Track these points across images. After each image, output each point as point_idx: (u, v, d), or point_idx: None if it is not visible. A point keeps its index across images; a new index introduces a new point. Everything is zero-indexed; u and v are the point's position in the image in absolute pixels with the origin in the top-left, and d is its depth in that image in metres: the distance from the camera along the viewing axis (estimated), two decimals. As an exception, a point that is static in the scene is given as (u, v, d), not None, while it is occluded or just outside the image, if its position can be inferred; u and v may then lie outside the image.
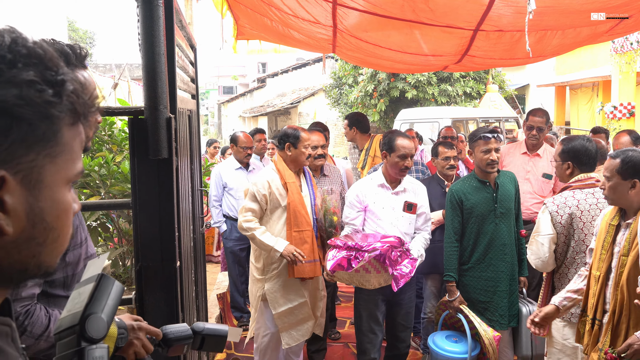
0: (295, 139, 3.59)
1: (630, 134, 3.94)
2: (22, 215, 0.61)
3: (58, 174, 0.64)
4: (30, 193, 0.61)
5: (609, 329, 2.55)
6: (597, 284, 2.65)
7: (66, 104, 0.62)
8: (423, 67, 7.06)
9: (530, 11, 3.05)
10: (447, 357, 3.34)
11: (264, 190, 3.50)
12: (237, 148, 5.10)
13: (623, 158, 2.52)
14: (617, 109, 12.52)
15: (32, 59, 0.59)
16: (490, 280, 3.47)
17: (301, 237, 3.50)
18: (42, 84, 0.59)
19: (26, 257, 0.63)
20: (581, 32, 4.37)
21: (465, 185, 3.55)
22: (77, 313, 0.86)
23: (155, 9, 1.73)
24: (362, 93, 15.84)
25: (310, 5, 3.82)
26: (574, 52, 15.68)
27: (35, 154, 0.60)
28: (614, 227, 2.63)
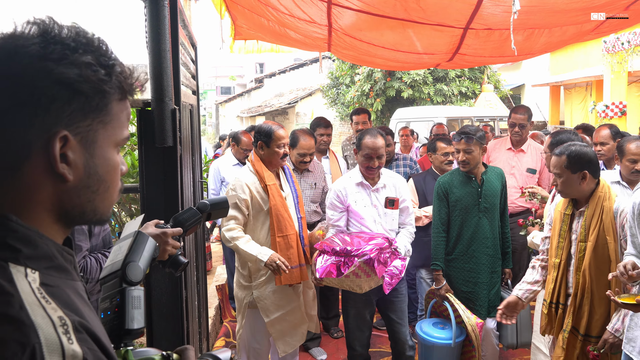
0: (268, 138, 3.36)
1: (611, 128, 4.09)
2: (80, 168, 0.78)
3: (108, 137, 0.81)
4: (87, 151, 0.78)
5: (572, 311, 2.72)
6: (556, 271, 2.81)
7: (115, 82, 0.80)
8: (416, 65, 7.21)
9: (514, 11, 3.19)
10: (433, 343, 3.45)
11: (243, 195, 3.30)
12: (237, 148, 5.31)
13: (568, 154, 2.68)
14: (609, 108, 12.69)
15: (89, 47, 0.77)
16: (472, 271, 3.60)
17: (286, 242, 3.34)
18: (97, 65, 0.77)
19: (83, 201, 0.80)
20: (567, 30, 4.52)
21: (452, 179, 3.68)
22: (119, 262, 1.08)
23: (162, 9, 1.89)
24: (359, 93, 15.98)
25: (306, 5, 3.96)
26: (568, 52, 15.88)
27: (91, 120, 0.78)
28: (568, 216, 2.80)
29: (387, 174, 3.60)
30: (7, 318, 0.64)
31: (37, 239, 0.75)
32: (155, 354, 0.98)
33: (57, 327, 0.66)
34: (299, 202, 3.56)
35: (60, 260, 0.77)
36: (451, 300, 3.53)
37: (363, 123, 5.11)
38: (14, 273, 0.69)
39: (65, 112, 0.74)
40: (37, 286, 0.70)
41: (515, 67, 21.03)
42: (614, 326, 2.55)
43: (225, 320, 5.11)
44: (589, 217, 2.69)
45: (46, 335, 0.65)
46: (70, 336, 0.67)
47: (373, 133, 3.45)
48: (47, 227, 0.78)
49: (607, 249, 2.63)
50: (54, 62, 0.73)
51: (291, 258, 3.33)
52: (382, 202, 3.46)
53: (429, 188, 4.24)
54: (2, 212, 0.73)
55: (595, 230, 2.65)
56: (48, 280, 0.72)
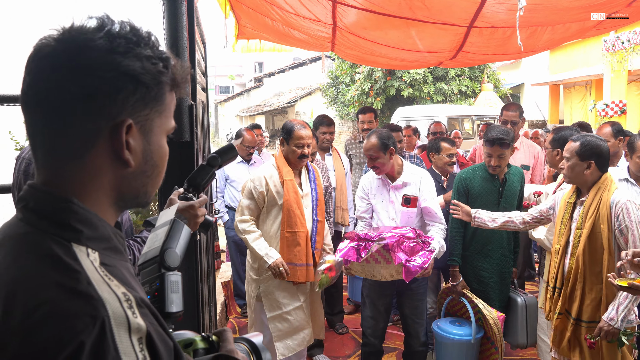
0: (288, 135, 3.41)
1: (613, 126, 4.13)
2: (139, 154, 0.83)
3: (162, 126, 0.87)
4: (145, 138, 0.84)
5: (564, 294, 2.86)
6: (557, 256, 2.94)
7: (170, 74, 0.85)
8: (419, 64, 7.26)
9: (520, 7, 3.24)
10: (452, 339, 3.42)
11: (260, 187, 3.36)
12: (240, 145, 5.32)
13: (582, 141, 2.82)
14: (609, 107, 12.75)
15: (147, 40, 0.82)
16: (485, 270, 3.57)
17: (294, 238, 3.35)
18: (156, 58, 0.82)
19: (139, 185, 0.86)
20: (570, 27, 4.56)
21: (474, 174, 3.62)
22: (157, 248, 1.12)
23: (179, 6, 1.93)
24: (359, 92, 16.03)
25: (312, 4, 3.99)
26: (567, 51, 15.94)
27: (149, 110, 0.83)
28: (571, 205, 2.94)
29: (411, 171, 3.52)
30: (77, 293, 0.68)
31: (97, 221, 0.79)
32: (194, 336, 1.02)
33: (122, 302, 0.70)
34: (319, 205, 3.53)
35: (115, 242, 0.82)
36: (469, 296, 3.49)
37: (369, 122, 5.11)
38: (78, 252, 0.73)
39: (130, 102, 0.79)
40: (98, 265, 0.74)
41: (515, 66, 21.09)
42: (609, 315, 2.64)
43: (230, 317, 5.15)
44: (586, 206, 2.82)
45: (113, 309, 0.69)
46: (134, 310, 0.71)
47: (369, 134, 3.48)
48: (104, 210, 0.83)
49: (601, 237, 2.74)
50: (121, 55, 0.78)
51: (297, 255, 3.33)
52: (399, 200, 3.45)
53: None
54: (66, 195, 0.78)
55: (591, 218, 2.77)
56: (106, 260, 0.77)
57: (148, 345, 0.71)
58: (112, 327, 0.67)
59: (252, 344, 1.10)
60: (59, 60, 0.76)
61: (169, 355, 0.75)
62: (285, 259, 3.32)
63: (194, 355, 0.99)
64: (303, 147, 3.38)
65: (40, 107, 0.77)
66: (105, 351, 0.65)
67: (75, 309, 0.66)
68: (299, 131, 3.39)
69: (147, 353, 0.70)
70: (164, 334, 0.77)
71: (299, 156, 3.39)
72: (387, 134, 3.43)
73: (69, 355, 0.64)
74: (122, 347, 0.67)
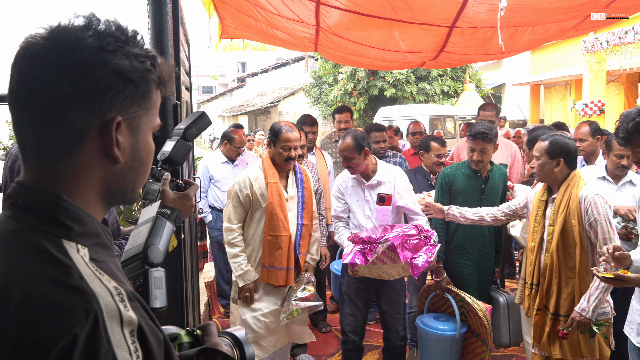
0: (275, 137, 3.37)
1: (590, 125, 4.22)
2: (128, 151, 0.85)
3: (149, 123, 0.88)
4: (133, 135, 0.85)
5: (541, 290, 2.95)
6: (532, 254, 3.03)
7: (157, 73, 0.86)
8: (402, 64, 7.30)
9: (501, 8, 3.28)
10: (437, 335, 3.46)
11: (245, 189, 3.34)
12: (230, 146, 5.41)
13: (551, 140, 2.94)
14: (588, 107, 12.95)
15: (135, 40, 0.84)
16: (465, 267, 3.62)
17: (276, 242, 3.32)
18: (144, 57, 0.83)
19: (127, 182, 0.87)
20: (550, 28, 4.64)
21: (458, 171, 3.67)
22: (140, 245, 1.13)
23: (164, 6, 1.93)
24: (342, 92, 16.07)
25: (295, 5, 4.00)
26: (548, 51, 16.16)
27: (137, 107, 0.84)
28: (543, 202, 3.03)
29: (385, 170, 3.56)
30: (69, 287, 0.70)
31: (86, 217, 0.80)
32: (179, 331, 1.03)
33: (114, 296, 0.72)
34: (305, 209, 3.49)
35: (103, 238, 0.83)
36: (454, 290, 3.52)
37: (345, 122, 5.13)
38: (68, 248, 0.75)
39: (119, 99, 0.81)
40: (88, 260, 0.75)
41: (496, 66, 21.32)
42: (581, 306, 2.73)
43: (214, 317, 5.14)
44: (557, 203, 2.92)
45: (105, 302, 0.70)
46: (126, 304, 0.73)
47: (344, 135, 3.50)
48: (93, 206, 0.84)
49: (573, 232, 2.84)
50: (110, 53, 0.79)
51: (278, 259, 3.31)
52: (374, 198, 3.49)
53: (419, 186, 4.26)
54: (56, 192, 0.79)
55: (562, 214, 2.86)
56: (96, 256, 0.78)
57: (139, 337, 0.73)
58: (104, 320, 0.68)
59: (235, 338, 1.12)
60: (50, 59, 0.77)
61: (159, 347, 0.77)
62: (267, 262, 3.32)
63: (179, 349, 1.00)
64: (290, 149, 3.35)
65: (30, 105, 0.78)
66: (98, 343, 0.67)
67: (69, 303, 0.68)
68: (286, 133, 3.34)
69: (138, 345, 0.72)
70: (155, 326, 0.78)
71: (286, 159, 3.36)
72: (362, 135, 3.46)
73: (64, 348, 0.65)
74: (114, 339, 0.69)
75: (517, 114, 19.33)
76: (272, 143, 3.40)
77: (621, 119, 2.41)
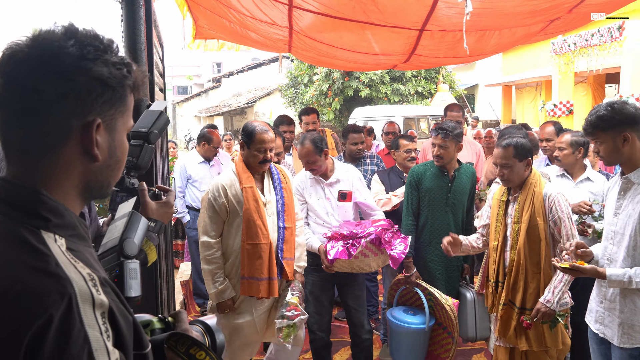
0: (249, 139, 3.14)
1: (555, 125, 4.38)
2: (105, 150, 0.93)
3: (124, 124, 0.96)
4: (110, 136, 0.93)
5: (507, 286, 3.05)
6: (496, 252, 3.12)
7: (132, 78, 0.94)
8: (374, 66, 7.41)
9: (467, 12, 3.39)
10: (407, 328, 3.56)
11: (220, 197, 3.12)
12: (209, 147, 5.48)
13: (514, 145, 3.01)
14: (557, 107, 13.28)
15: (112, 48, 0.91)
16: (433, 262, 3.73)
17: (255, 251, 3.09)
18: (120, 64, 0.91)
19: (103, 178, 0.96)
20: (516, 32, 4.78)
21: (426, 170, 3.79)
22: (116, 238, 1.20)
23: (137, 10, 1.99)
24: (317, 92, 16.14)
25: (267, 8, 4.06)
26: (519, 53, 16.47)
27: (115, 110, 0.92)
28: (504, 202, 3.13)
29: (343, 169, 3.69)
30: (47, 273, 0.77)
31: (64, 211, 0.88)
32: (152, 318, 1.10)
33: (87, 281, 0.80)
34: (286, 211, 3.26)
35: (80, 230, 0.90)
36: (423, 285, 3.62)
37: (313, 123, 5.22)
38: (46, 238, 0.82)
39: (99, 103, 0.89)
40: (65, 249, 0.83)
41: (470, 67, 21.64)
42: (546, 297, 2.88)
43: (190, 316, 5.17)
44: (521, 202, 3.02)
45: (79, 286, 0.78)
46: (98, 288, 0.80)
47: (302, 140, 3.59)
48: (71, 200, 0.91)
49: (538, 229, 2.96)
50: (91, 61, 0.87)
51: (259, 269, 3.10)
52: (335, 195, 3.62)
53: (393, 184, 4.36)
54: (36, 187, 0.86)
55: (527, 212, 2.97)
56: (72, 246, 0.85)
57: (110, 319, 0.80)
58: (78, 303, 0.76)
59: (206, 325, 1.19)
60: (35, 65, 0.84)
61: (129, 328, 0.85)
62: (247, 273, 3.12)
63: (151, 335, 1.08)
64: (265, 151, 3.14)
65: (16, 107, 0.85)
66: (71, 323, 0.74)
67: (46, 287, 0.75)
68: (261, 134, 3.12)
69: (109, 326, 0.79)
70: (125, 310, 0.85)
71: (261, 161, 3.16)
72: (319, 137, 3.56)
73: (40, 327, 0.72)
74: (86, 319, 0.76)
75: (489, 115, 19.67)
76: (245, 145, 3.19)
77: (591, 112, 2.52)
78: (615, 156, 2.44)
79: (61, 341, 0.73)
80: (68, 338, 0.74)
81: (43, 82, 0.84)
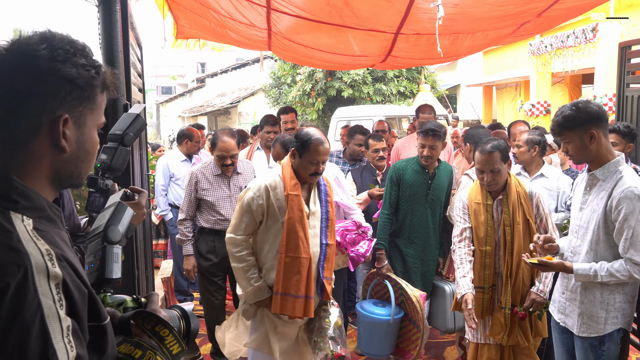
0: (303, 148, 2.90)
1: (526, 124, 4.55)
2: (74, 143, 1.03)
3: (93, 121, 1.07)
4: (78, 130, 1.03)
5: (508, 289, 3.03)
6: (488, 257, 3.10)
7: (100, 79, 1.05)
8: (352, 66, 7.55)
9: (439, 17, 3.51)
10: (372, 319, 3.67)
11: (260, 199, 2.87)
12: (192, 143, 5.55)
13: (499, 148, 3.04)
14: (535, 107, 13.52)
15: (82, 51, 1.02)
16: (410, 256, 3.86)
17: (294, 264, 2.85)
18: (89, 66, 1.02)
19: (73, 168, 1.06)
20: (488, 34, 4.93)
21: (407, 166, 3.91)
22: (102, 225, 1.30)
23: (114, 14, 2.08)
24: (300, 92, 16.21)
25: (246, 10, 4.14)
26: (499, 54, 16.71)
27: (83, 107, 1.03)
28: (490, 206, 3.12)
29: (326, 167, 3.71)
30: (8, 247, 0.88)
31: (33, 195, 0.99)
32: (126, 297, 1.20)
33: (44, 255, 0.91)
34: (329, 226, 3.06)
35: (49, 213, 1.02)
36: (393, 278, 3.73)
37: (291, 122, 5.31)
38: (14, 218, 0.93)
39: (67, 100, 1.00)
40: (30, 229, 0.94)
41: (451, 67, 21.86)
42: (538, 288, 2.99)
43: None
44: (511, 203, 3.04)
45: (36, 260, 0.89)
46: (54, 262, 0.91)
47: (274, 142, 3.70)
48: (42, 187, 1.02)
49: (530, 229, 3.02)
50: (60, 63, 0.98)
51: (295, 285, 2.86)
52: None
53: (365, 182, 4.48)
54: (9, 173, 0.98)
55: (520, 213, 3.02)
56: (39, 226, 0.96)
57: (64, 290, 0.91)
58: (33, 273, 0.87)
59: (183, 311, 1.29)
60: (11, 67, 0.96)
61: (83, 299, 0.95)
62: (281, 288, 2.87)
63: (123, 312, 1.17)
64: (318, 164, 2.92)
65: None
66: (26, 291, 0.86)
67: (5, 259, 0.87)
68: (317, 146, 2.89)
69: (62, 295, 0.90)
70: (81, 284, 0.96)
71: (312, 174, 2.94)
72: (289, 139, 3.64)
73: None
74: (40, 289, 0.87)
75: (470, 114, 19.89)
76: (297, 153, 2.94)
77: (556, 112, 2.59)
78: (583, 154, 2.51)
79: (15, 306, 0.83)
80: (22, 304, 0.84)
81: (17, 82, 0.95)
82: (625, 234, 2.36)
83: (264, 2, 3.88)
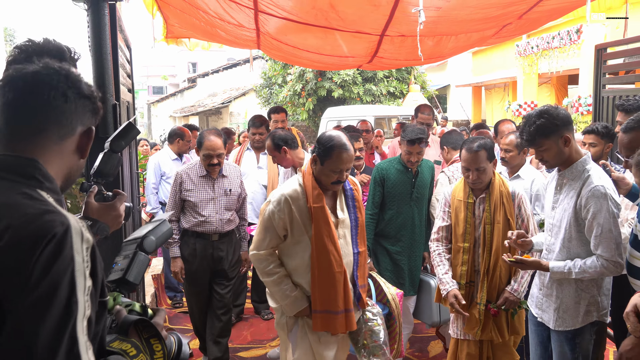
0: (325, 155, 2.68)
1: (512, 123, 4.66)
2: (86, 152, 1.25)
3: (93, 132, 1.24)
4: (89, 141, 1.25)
5: (484, 286, 3.08)
6: (467, 253, 3.13)
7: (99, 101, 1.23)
8: (339, 66, 7.66)
9: (420, 22, 3.61)
10: None
11: (282, 213, 2.68)
12: (183, 142, 5.61)
13: (485, 147, 3.03)
14: (522, 107, 13.68)
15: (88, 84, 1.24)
16: (397, 254, 3.95)
17: (328, 280, 2.69)
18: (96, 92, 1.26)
19: (76, 174, 1.25)
20: (471, 36, 5.06)
21: (390, 167, 3.99)
22: (142, 235, 1.44)
23: (102, 17, 2.17)
24: (291, 92, 16.30)
25: (234, 12, 4.23)
26: (487, 55, 16.89)
27: (94, 121, 1.23)
28: (472, 204, 3.14)
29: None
30: (50, 210, 1.03)
31: (53, 179, 1.14)
32: (136, 303, 1.32)
33: (78, 221, 1.05)
34: (359, 233, 2.89)
35: (61, 197, 1.17)
36: (374, 276, 3.83)
37: (282, 121, 5.38)
38: (42, 193, 1.09)
39: (92, 117, 1.23)
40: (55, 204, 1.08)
41: (441, 68, 22.04)
42: (513, 287, 3.02)
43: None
44: (493, 202, 3.08)
45: (73, 222, 1.03)
46: (86, 229, 1.05)
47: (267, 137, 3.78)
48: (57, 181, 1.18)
49: (510, 228, 3.04)
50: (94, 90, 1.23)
51: (333, 301, 2.71)
52: None
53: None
54: (35, 158, 1.12)
55: (501, 212, 3.06)
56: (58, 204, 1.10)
57: (91, 253, 1.05)
58: (72, 232, 1.01)
59: (180, 339, 1.40)
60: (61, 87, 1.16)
61: (101, 268, 1.09)
62: (319, 306, 2.72)
63: (129, 314, 1.31)
64: (341, 172, 2.71)
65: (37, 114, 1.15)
66: (66, 243, 1.00)
67: (52, 217, 1.02)
68: (341, 153, 2.66)
69: (89, 258, 1.04)
70: (100, 257, 1.09)
71: (334, 182, 2.74)
72: (279, 135, 3.75)
73: (48, 240, 0.98)
74: (76, 246, 1.01)
75: (460, 114, 20.07)
76: (318, 160, 2.71)
77: (524, 121, 2.61)
78: (559, 158, 2.57)
79: (55, 253, 0.97)
80: (59, 253, 0.97)
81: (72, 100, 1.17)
82: (594, 232, 2.45)
83: (252, 5, 3.97)
